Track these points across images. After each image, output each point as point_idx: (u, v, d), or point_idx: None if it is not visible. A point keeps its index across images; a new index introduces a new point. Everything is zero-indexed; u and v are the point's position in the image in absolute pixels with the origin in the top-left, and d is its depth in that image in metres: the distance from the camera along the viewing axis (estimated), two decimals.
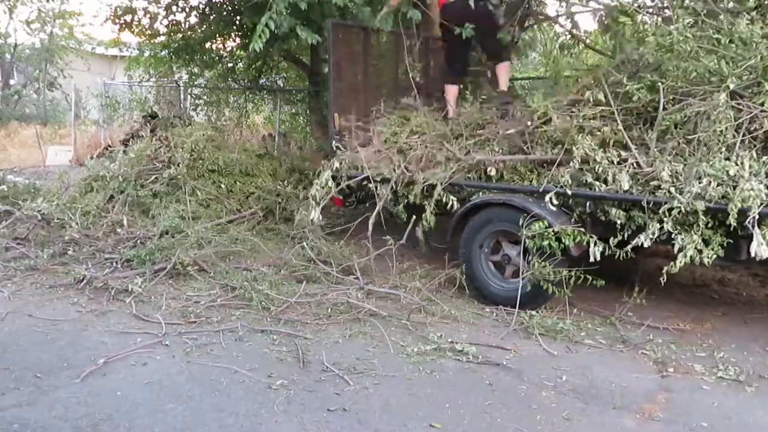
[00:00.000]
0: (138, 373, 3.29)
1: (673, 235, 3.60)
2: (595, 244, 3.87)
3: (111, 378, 3.22)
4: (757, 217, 3.36)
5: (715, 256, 3.56)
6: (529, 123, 4.55)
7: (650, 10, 6.81)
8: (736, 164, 3.60)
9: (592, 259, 3.87)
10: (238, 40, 9.89)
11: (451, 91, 5.93)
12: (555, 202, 4.04)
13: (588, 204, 4.04)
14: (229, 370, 3.32)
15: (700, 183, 3.57)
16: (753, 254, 3.42)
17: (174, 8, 9.46)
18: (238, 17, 8.89)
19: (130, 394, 3.05)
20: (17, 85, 19.62)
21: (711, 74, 3.97)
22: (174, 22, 9.72)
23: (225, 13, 9.16)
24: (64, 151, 12.44)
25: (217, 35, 9.79)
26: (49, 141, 13.47)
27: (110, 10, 9.79)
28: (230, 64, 10.90)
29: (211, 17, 9.33)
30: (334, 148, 5.44)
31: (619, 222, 3.91)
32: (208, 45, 10.07)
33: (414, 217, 4.74)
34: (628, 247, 3.78)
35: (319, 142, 8.23)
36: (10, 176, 8.42)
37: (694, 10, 4.28)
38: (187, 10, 9.53)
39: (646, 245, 3.73)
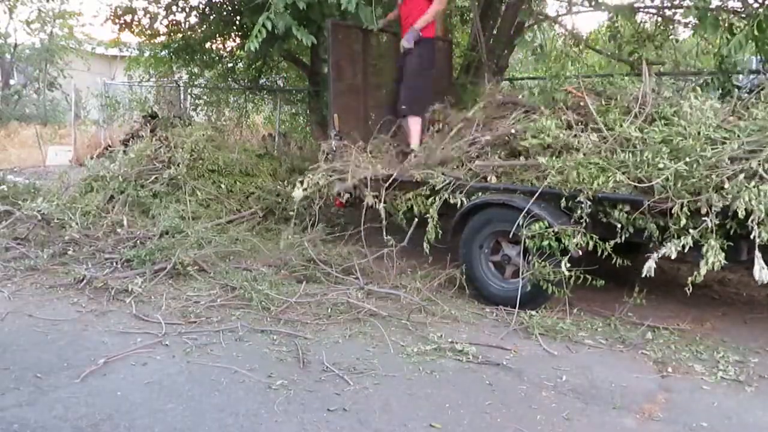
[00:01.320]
0: (138, 373, 3.28)
1: (701, 244, 3.55)
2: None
3: (111, 378, 3.22)
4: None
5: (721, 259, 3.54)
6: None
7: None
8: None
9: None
10: (238, 40, 9.90)
11: (417, 123, 5.64)
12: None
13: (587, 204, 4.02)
14: (229, 370, 3.32)
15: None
16: (757, 279, 3.43)
17: (174, 8, 9.47)
18: (238, 17, 8.89)
19: (130, 394, 3.05)
20: (17, 85, 19.65)
21: None
22: (174, 22, 9.73)
23: (225, 13, 9.16)
24: (64, 151, 12.45)
25: (217, 35, 9.79)
26: (49, 141, 13.49)
27: (110, 10, 9.81)
28: (230, 64, 10.91)
29: (211, 17, 9.33)
30: (333, 148, 5.44)
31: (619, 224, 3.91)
32: (208, 45, 10.07)
33: (415, 219, 4.75)
34: (656, 256, 3.68)
35: (319, 142, 8.25)
36: (10, 176, 8.43)
37: None
38: (187, 10, 9.54)
39: (672, 256, 3.63)
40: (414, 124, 5.63)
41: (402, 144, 5.68)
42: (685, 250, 3.59)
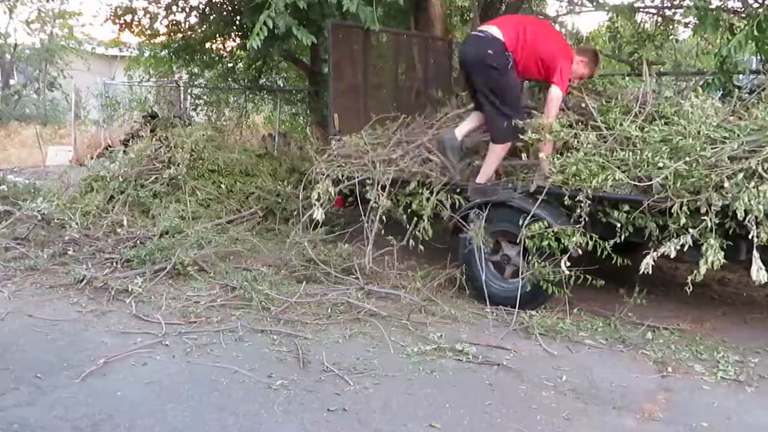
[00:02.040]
0: (138, 373, 3.28)
1: (700, 243, 3.55)
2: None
3: (111, 378, 3.22)
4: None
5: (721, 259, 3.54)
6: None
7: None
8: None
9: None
10: (238, 40, 9.91)
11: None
12: None
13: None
14: (229, 370, 3.32)
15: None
16: (754, 279, 3.43)
17: (174, 8, 9.49)
18: (238, 17, 8.91)
19: (130, 394, 3.05)
20: (17, 85, 19.62)
21: None
22: (174, 22, 9.75)
23: (225, 13, 9.18)
24: (64, 151, 12.44)
25: (217, 35, 9.81)
26: (49, 141, 13.47)
27: (110, 10, 9.83)
28: (230, 64, 10.94)
29: (211, 17, 9.35)
30: (333, 149, 5.42)
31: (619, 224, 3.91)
32: (208, 45, 10.09)
33: (415, 218, 4.74)
34: (655, 255, 3.70)
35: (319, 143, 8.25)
36: (10, 176, 8.41)
37: None
38: (187, 10, 9.57)
39: (672, 255, 3.63)
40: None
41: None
42: (685, 249, 3.59)
